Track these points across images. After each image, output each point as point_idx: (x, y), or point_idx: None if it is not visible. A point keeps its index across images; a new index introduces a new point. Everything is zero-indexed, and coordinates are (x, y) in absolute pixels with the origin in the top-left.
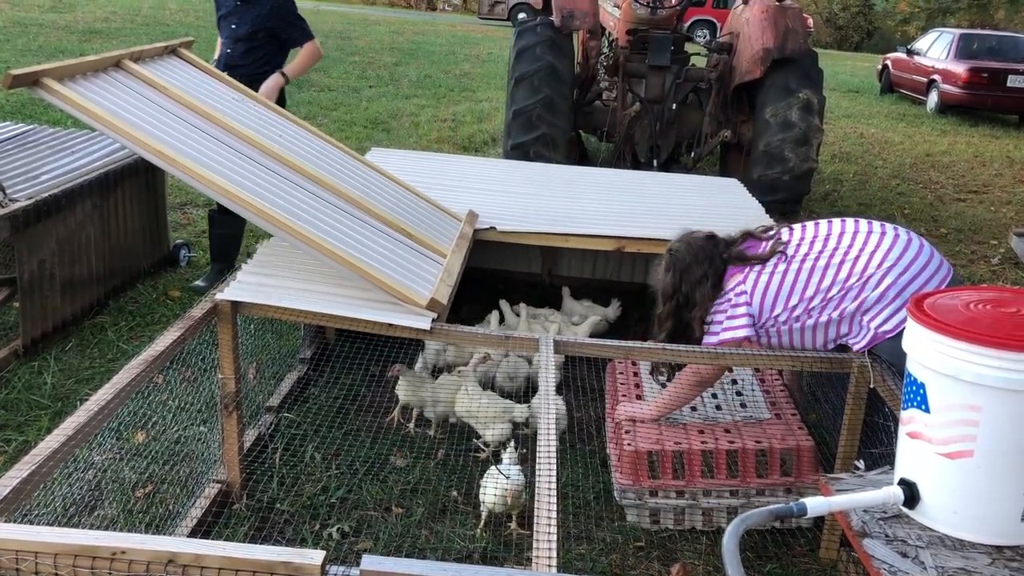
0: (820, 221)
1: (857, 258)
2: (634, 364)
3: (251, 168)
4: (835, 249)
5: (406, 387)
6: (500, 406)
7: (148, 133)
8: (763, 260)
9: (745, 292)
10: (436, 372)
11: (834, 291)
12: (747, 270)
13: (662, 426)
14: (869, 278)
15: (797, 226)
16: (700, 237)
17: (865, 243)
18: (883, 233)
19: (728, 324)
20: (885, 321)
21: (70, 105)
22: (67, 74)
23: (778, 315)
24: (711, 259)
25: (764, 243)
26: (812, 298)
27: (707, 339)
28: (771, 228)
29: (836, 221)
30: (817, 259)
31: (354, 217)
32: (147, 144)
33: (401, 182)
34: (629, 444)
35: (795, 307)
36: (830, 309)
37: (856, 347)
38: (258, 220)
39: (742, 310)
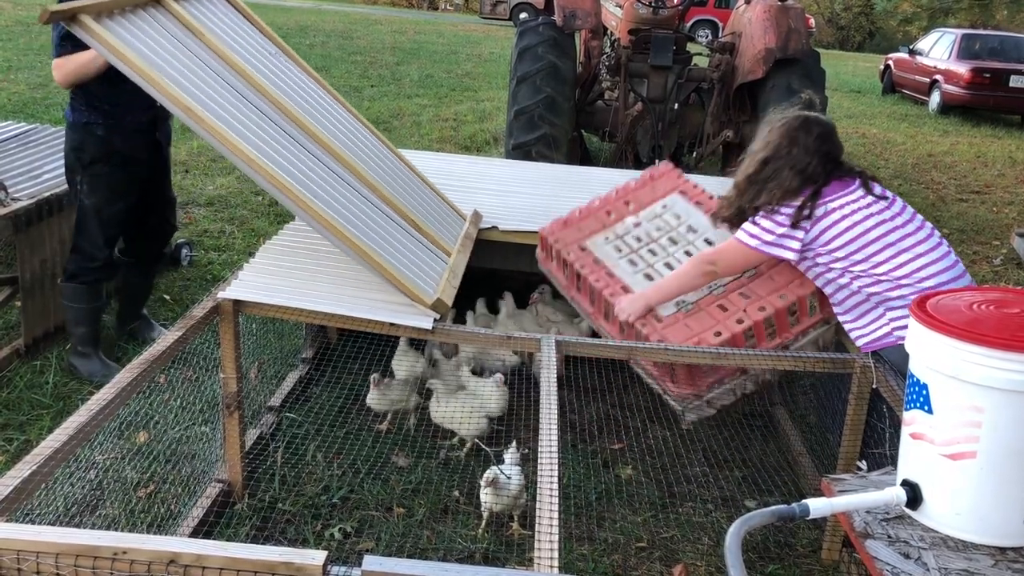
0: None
1: (918, 257)
2: (583, 250)
3: (276, 136)
4: (907, 235)
5: (377, 397)
6: (473, 404)
7: (180, 87)
8: (853, 204)
9: (817, 218)
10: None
11: (883, 270)
12: (837, 198)
13: (681, 316)
14: (915, 281)
15: (899, 201)
16: (832, 131)
17: (929, 250)
18: (948, 252)
19: (779, 240)
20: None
21: (105, 47)
22: (104, 10)
23: (831, 257)
24: (824, 161)
25: (866, 193)
26: (861, 262)
27: (749, 234)
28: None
29: (917, 217)
30: (890, 233)
31: (368, 201)
32: (177, 99)
33: (416, 170)
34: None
35: (845, 259)
36: (868, 284)
37: (861, 340)
38: (280, 196)
39: (800, 234)
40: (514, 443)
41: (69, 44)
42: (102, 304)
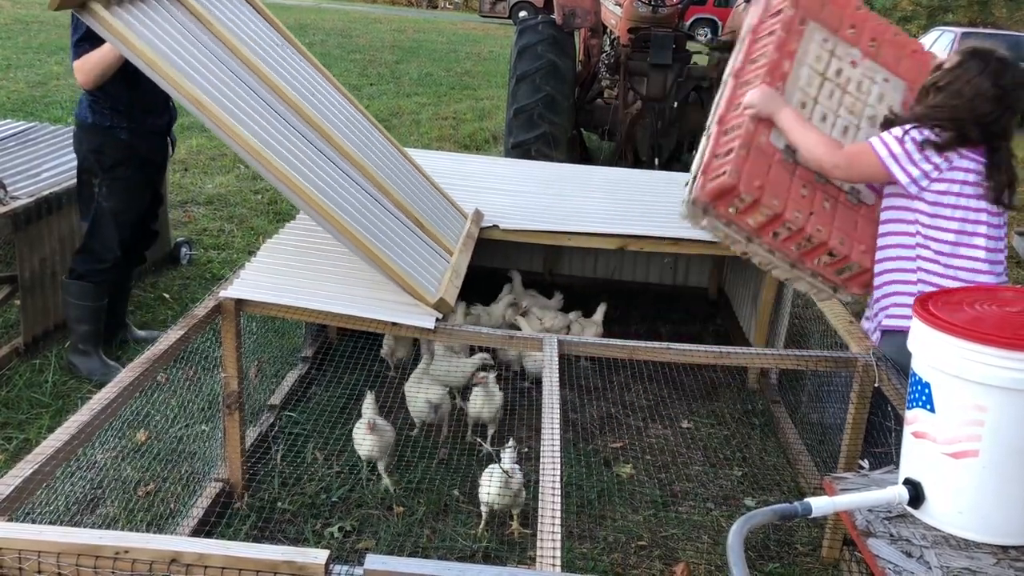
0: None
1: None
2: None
3: (283, 129)
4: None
5: (369, 443)
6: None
7: (187, 77)
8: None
9: (954, 170)
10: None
11: (961, 248)
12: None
13: (784, 161)
14: (972, 269)
15: None
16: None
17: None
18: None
19: (907, 163)
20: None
21: (114, 36)
22: None
23: (928, 213)
24: (998, 118)
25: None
26: (950, 231)
27: (882, 142)
28: None
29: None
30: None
31: (372, 198)
32: (185, 90)
33: (419, 167)
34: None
35: (933, 228)
36: (942, 252)
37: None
38: (288, 192)
39: (929, 168)
40: (511, 441)
41: (87, 44)
42: (105, 304)
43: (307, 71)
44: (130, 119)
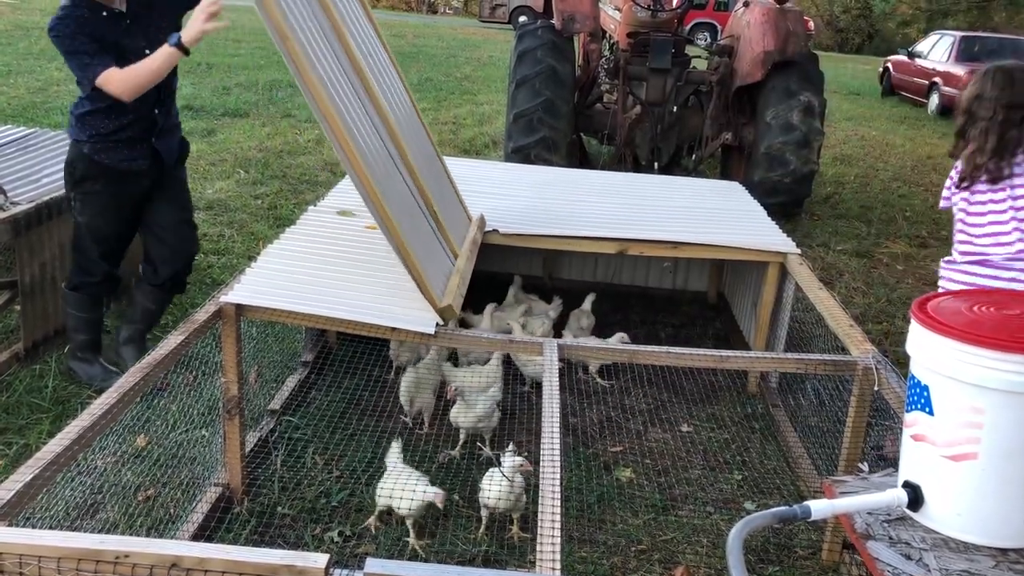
0: None
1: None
2: None
3: (361, 116)
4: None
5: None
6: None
7: (308, 58)
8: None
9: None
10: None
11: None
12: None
13: None
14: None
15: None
16: None
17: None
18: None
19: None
20: None
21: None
22: None
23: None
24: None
25: None
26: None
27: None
28: None
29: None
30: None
31: (409, 190)
32: (306, 70)
33: (445, 164)
34: None
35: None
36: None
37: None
38: (360, 184)
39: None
40: (511, 444)
41: (87, 57)
42: (102, 314)
43: (380, 52)
44: (94, 129)
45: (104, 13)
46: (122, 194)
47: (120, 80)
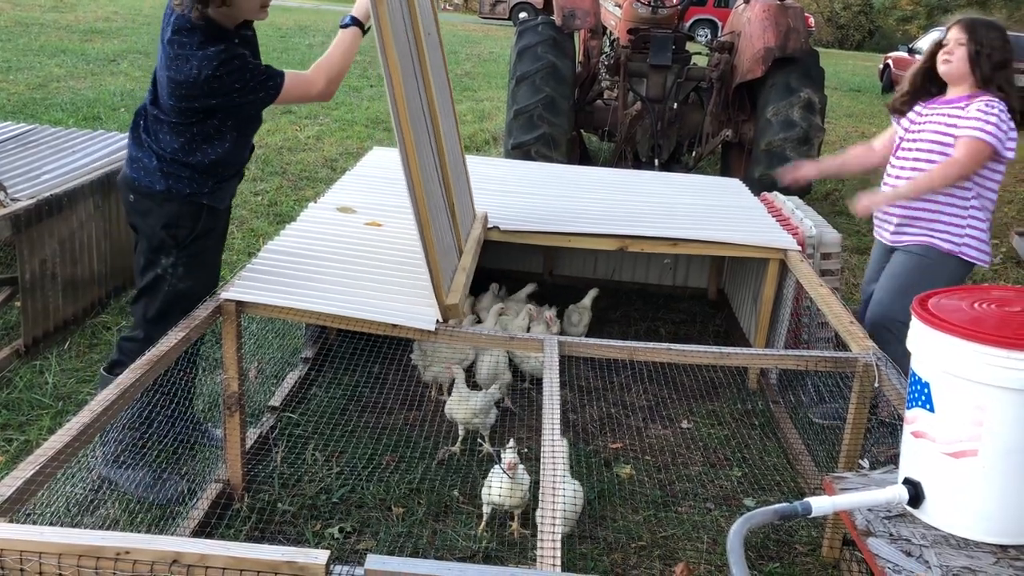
0: None
1: None
2: None
3: (420, 112)
4: None
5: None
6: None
7: (398, 47)
8: None
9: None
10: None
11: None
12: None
13: None
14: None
15: None
16: None
17: None
18: None
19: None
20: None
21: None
22: None
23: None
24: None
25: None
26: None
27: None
28: None
29: None
30: None
31: (439, 183)
32: (394, 60)
33: (464, 156)
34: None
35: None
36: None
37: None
38: (414, 186)
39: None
40: (512, 441)
41: (210, 46)
42: None
43: (435, 40)
44: (216, 178)
45: (239, 38)
46: (221, 246)
47: (324, 72)
